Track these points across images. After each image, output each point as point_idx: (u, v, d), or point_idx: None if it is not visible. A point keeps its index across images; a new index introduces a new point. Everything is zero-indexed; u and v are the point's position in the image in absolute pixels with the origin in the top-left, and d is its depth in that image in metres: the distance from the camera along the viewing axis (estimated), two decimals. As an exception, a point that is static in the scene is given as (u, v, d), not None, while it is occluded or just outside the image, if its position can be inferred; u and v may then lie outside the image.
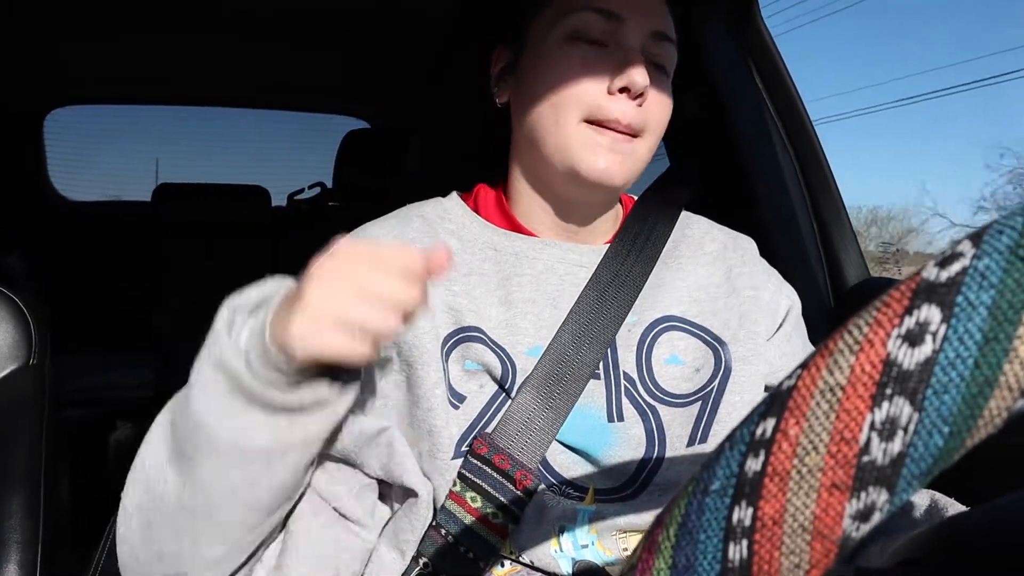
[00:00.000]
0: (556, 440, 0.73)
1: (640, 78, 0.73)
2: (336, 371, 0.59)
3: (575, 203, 0.81)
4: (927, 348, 0.20)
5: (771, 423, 0.22)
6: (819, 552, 0.22)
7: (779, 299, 0.86)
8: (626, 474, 0.73)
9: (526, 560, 0.70)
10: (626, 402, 0.75)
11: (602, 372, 0.76)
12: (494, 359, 0.73)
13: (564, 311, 0.77)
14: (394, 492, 0.73)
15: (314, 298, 0.55)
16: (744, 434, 0.23)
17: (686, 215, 0.91)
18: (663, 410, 0.76)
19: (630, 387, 0.76)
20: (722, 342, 0.79)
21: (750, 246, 0.89)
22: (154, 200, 2.56)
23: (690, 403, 0.77)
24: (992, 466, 0.61)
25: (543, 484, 0.72)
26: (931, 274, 0.21)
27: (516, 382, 0.73)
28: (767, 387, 0.81)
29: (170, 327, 2.31)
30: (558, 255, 0.81)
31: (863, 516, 0.21)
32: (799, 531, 0.22)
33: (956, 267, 0.21)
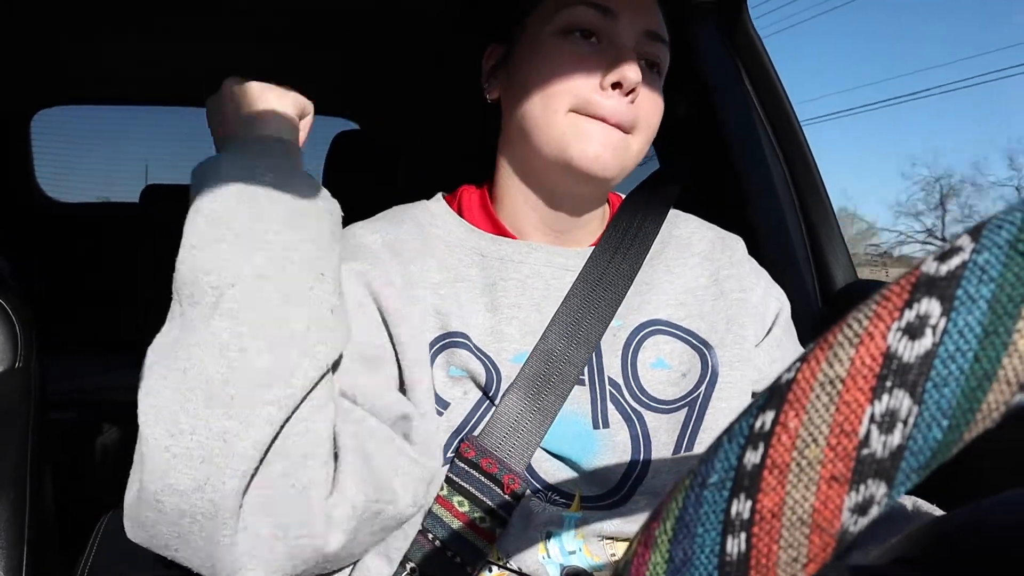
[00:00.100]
0: (541, 447, 0.72)
1: (632, 74, 0.73)
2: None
3: (565, 197, 0.80)
4: (927, 341, 0.21)
5: (770, 416, 0.22)
6: (817, 545, 0.22)
7: (768, 302, 0.85)
8: (612, 481, 0.73)
9: (513, 566, 0.70)
10: (611, 408, 0.75)
11: (587, 378, 0.76)
12: (479, 366, 0.73)
13: (549, 315, 0.77)
14: None
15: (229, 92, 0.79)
16: (743, 427, 0.23)
17: (675, 213, 0.90)
18: (649, 416, 0.75)
19: (615, 392, 0.76)
20: (709, 346, 0.79)
21: (738, 246, 0.88)
22: (142, 201, 2.55)
23: (676, 409, 0.76)
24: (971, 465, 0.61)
25: (529, 489, 0.71)
26: (931, 268, 0.21)
27: (500, 390, 0.73)
28: (754, 394, 0.80)
29: (157, 329, 2.29)
30: (544, 259, 0.80)
31: (861, 509, 0.21)
32: (798, 524, 0.22)
33: (956, 261, 0.21)
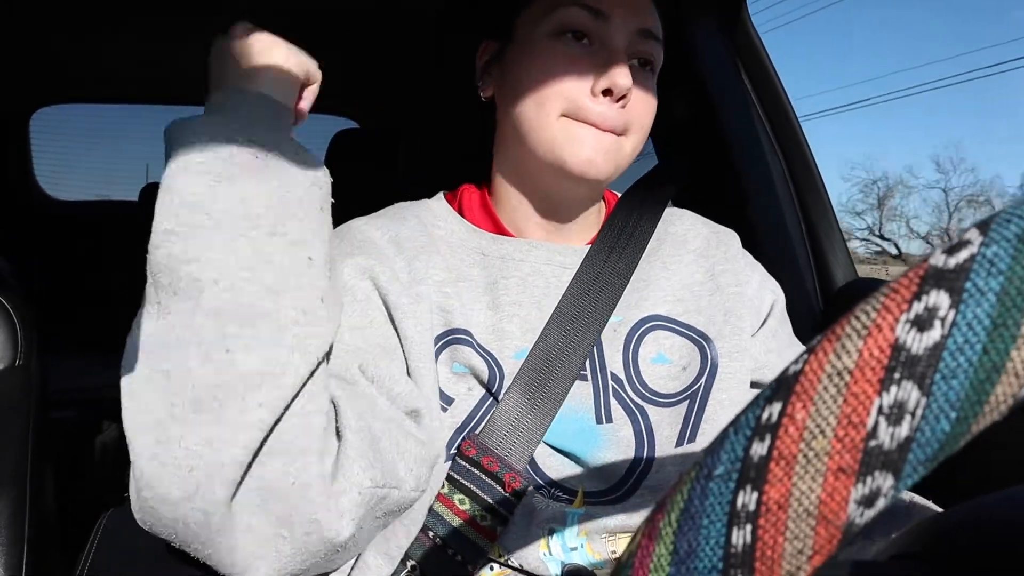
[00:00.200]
0: (544, 443, 0.73)
1: (623, 80, 0.73)
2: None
3: (560, 197, 0.81)
4: (936, 333, 0.21)
5: (777, 407, 0.22)
6: (823, 537, 0.22)
7: (763, 294, 0.86)
8: (616, 476, 0.73)
9: (514, 563, 0.70)
10: (614, 403, 0.75)
11: (589, 373, 0.76)
12: (481, 363, 0.73)
13: (550, 312, 0.77)
14: None
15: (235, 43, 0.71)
16: (749, 418, 0.23)
17: (670, 210, 0.90)
18: (651, 410, 0.76)
19: (618, 387, 0.76)
20: (707, 338, 0.79)
21: (733, 240, 0.89)
22: (141, 200, 2.55)
23: (678, 402, 0.77)
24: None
25: (532, 486, 0.71)
26: (939, 261, 0.21)
27: (503, 386, 0.73)
28: (754, 383, 0.81)
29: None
30: (544, 257, 0.80)
31: (868, 501, 0.21)
32: (804, 516, 0.22)
33: (964, 254, 0.21)
